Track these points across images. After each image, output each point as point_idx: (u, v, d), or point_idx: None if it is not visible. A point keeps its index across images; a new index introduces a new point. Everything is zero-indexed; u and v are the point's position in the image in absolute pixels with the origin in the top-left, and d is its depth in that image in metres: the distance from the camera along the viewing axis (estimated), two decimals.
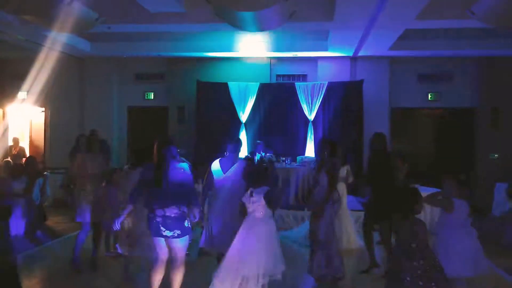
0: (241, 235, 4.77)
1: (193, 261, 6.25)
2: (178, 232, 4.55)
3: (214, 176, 5.42)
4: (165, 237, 4.56)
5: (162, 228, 4.51)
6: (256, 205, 4.81)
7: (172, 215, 4.52)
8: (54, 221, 9.30)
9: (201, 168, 6.51)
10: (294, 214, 8.80)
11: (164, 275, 4.77)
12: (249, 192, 4.88)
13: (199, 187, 6.14)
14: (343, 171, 7.19)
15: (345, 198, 7.33)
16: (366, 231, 6.31)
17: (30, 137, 12.77)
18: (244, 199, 4.89)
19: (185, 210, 4.62)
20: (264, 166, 5.96)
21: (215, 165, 5.50)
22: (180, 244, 4.64)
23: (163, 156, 4.70)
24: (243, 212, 4.91)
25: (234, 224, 4.96)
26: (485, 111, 11.23)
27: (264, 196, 4.81)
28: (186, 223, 4.63)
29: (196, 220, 4.77)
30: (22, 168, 8.37)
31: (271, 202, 4.94)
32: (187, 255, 4.96)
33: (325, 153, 5.67)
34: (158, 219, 4.51)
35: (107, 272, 6.22)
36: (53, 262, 6.78)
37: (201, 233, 5.71)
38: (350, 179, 7.48)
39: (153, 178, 4.62)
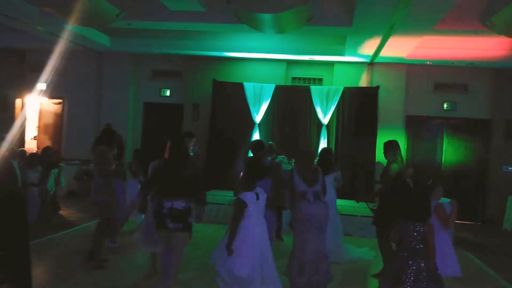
0: (248, 233, 4.68)
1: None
2: (181, 226, 4.71)
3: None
4: (168, 229, 4.70)
5: (167, 220, 4.66)
6: (261, 206, 4.78)
7: (180, 208, 4.69)
8: (67, 211, 9.44)
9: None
10: None
11: None
12: (254, 194, 4.72)
13: None
14: (330, 178, 7.08)
15: (334, 205, 7.15)
16: (382, 238, 6.31)
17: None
18: (250, 203, 4.69)
19: (191, 205, 4.79)
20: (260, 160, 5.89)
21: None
22: (181, 238, 4.77)
23: (176, 152, 4.86)
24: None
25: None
26: (500, 123, 11.15)
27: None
28: (190, 219, 4.79)
29: (201, 222, 4.91)
30: (37, 157, 8.53)
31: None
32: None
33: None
34: (165, 211, 4.67)
35: (119, 263, 6.33)
36: (64, 251, 6.88)
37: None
38: (339, 184, 7.46)
39: (165, 172, 4.80)
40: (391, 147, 6.51)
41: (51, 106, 12.71)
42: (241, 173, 5.40)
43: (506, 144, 11.10)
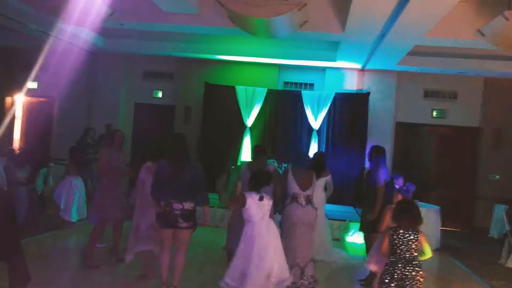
0: (251, 237, 4.67)
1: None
2: (192, 224, 5.01)
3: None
4: (179, 228, 4.93)
5: (180, 220, 4.90)
6: (266, 208, 4.78)
7: (190, 208, 4.93)
8: (55, 211, 9.34)
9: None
10: None
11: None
12: (258, 196, 4.72)
13: None
14: (321, 182, 7.18)
15: (322, 207, 7.30)
16: (369, 243, 6.36)
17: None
18: (251, 200, 4.69)
19: (197, 204, 5.03)
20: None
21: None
22: (188, 235, 5.06)
23: (181, 153, 5.04)
24: None
25: None
26: (488, 131, 11.26)
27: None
28: (197, 217, 5.06)
29: (207, 223, 5.21)
30: (26, 156, 8.47)
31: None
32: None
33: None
34: (177, 212, 4.88)
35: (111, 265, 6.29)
36: (51, 252, 6.83)
37: None
38: (330, 191, 7.55)
39: (172, 173, 4.92)
40: (376, 153, 6.53)
41: (40, 104, 12.62)
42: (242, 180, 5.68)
43: (494, 153, 11.21)
